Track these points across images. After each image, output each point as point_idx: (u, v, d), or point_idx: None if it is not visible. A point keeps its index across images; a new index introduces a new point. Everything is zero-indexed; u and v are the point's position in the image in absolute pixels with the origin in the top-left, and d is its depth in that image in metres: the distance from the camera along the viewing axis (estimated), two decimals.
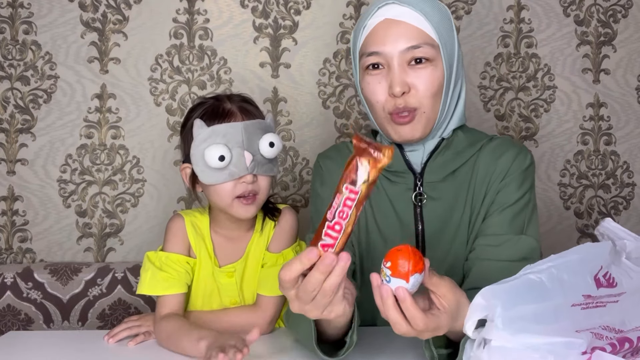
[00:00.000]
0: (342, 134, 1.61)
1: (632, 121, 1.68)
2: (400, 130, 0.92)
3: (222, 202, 1.00)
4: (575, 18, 1.67)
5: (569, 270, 0.71)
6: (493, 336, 0.67)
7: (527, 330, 0.67)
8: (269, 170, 1.01)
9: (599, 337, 0.69)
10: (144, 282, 1.03)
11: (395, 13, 0.90)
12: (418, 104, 0.90)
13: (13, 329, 1.40)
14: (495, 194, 0.93)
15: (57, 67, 1.55)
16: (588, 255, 0.73)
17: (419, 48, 0.88)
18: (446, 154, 0.96)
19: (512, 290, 0.69)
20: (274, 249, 1.08)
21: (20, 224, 1.54)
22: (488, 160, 0.96)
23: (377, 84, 0.91)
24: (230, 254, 1.08)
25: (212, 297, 1.08)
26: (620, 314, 0.73)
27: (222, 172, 0.97)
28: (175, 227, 1.07)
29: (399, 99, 0.89)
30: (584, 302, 0.71)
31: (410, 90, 0.89)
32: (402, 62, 0.89)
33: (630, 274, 0.76)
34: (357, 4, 1.62)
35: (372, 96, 0.93)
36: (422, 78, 0.89)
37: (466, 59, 1.64)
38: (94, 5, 1.57)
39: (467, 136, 0.98)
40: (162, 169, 1.57)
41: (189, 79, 1.58)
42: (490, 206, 0.93)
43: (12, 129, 1.54)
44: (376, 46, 0.90)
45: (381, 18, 0.90)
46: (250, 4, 1.60)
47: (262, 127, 1.01)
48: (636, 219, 1.68)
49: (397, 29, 0.89)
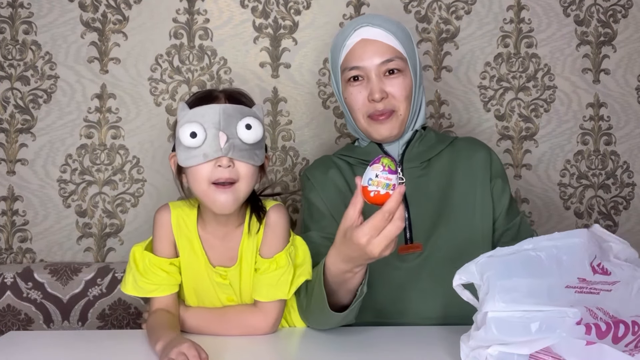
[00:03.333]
0: (342, 134, 1.61)
1: (632, 121, 1.68)
2: (380, 129, 1.10)
3: (199, 187, 0.97)
4: (575, 18, 1.67)
5: (569, 252, 0.74)
6: (488, 307, 0.70)
7: (520, 302, 0.70)
8: (248, 157, 0.97)
9: (594, 316, 0.71)
10: (128, 282, 1.03)
11: (370, 34, 1.09)
12: (394, 107, 1.09)
13: (13, 329, 1.40)
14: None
15: (57, 67, 1.55)
16: (589, 241, 0.76)
17: (391, 61, 1.08)
18: (420, 145, 1.14)
19: (509, 263, 0.73)
20: (266, 254, 1.03)
21: (20, 224, 1.54)
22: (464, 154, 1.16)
23: (358, 93, 1.10)
24: (222, 255, 1.06)
25: (208, 293, 1.07)
26: (614, 303, 0.74)
27: (195, 151, 0.95)
28: (161, 220, 1.06)
29: (379, 103, 1.08)
30: (578, 285, 0.73)
31: (387, 96, 1.08)
32: (379, 74, 1.08)
33: (622, 266, 0.78)
34: (357, 4, 1.62)
35: (355, 103, 1.11)
36: (396, 85, 1.09)
37: (466, 59, 1.64)
38: (94, 5, 1.57)
39: (436, 134, 1.20)
40: (162, 169, 1.57)
41: (189, 79, 1.58)
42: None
43: (12, 129, 1.54)
44: (356, 62, 1.09)
45: (358, 38, 1.10)
46: (250, 4, 1.60)
47: (243, 111, 0.98)
48: (636, 219, 1.68)
49: (373, 46, 1.09)
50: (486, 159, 1.14)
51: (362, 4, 1.62)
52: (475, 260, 0.75)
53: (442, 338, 0.95)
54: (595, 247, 0.77)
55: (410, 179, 1.11)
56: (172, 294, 1.03)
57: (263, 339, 1.00)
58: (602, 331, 0.69)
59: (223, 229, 1.05)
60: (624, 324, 0.70)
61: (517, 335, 0.69)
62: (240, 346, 0.95)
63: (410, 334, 0.99)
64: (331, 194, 1.14)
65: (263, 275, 1.02)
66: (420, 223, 1.08)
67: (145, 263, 1.02)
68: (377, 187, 0.80)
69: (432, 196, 1.11)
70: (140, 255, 1.04)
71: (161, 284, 1.02)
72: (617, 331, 0.70)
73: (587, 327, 0.68)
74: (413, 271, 1.06)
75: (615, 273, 0.76)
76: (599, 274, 0.75)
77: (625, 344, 0.70)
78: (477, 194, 1.11)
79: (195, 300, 1.07)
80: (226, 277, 1.05)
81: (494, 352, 0.71)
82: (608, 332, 0.69)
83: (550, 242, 0.74)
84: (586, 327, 0.68)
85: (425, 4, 1.63)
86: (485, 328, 0.71)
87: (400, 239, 1.05)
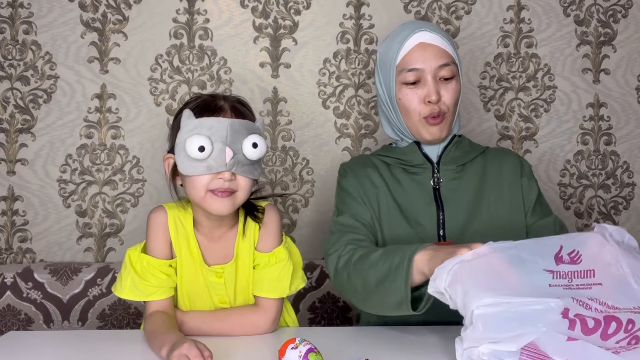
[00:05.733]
0: (342, 134, 1.61)
1: (632, 121, 1.68)
2: (432, 130, 1.14)
3: (197, 194, 0.99)
4: (575, 18, 1.67)
5: (527, 250, 0.78)
6: (473, 305, 0.72)
7: (503, 294, 0.72)
8: (249, 172, 1.00)
9: (586, 307, 0.71)
10: (124, 286, 1.02)
11: (428, 38, 1.13)
12: (445, 110, 1.14)
13: (13, 329, 1.40)
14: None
15: (57, 67, 1.55)
16: (542, 241, 0.80)
17: (447, 66, 1.12)
18: (456, 150, 1.19)
19: (479, 267, 0.76)
20: (264, 248, 1.07)
21: (20, 224, 1.54)
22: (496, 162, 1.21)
23: (414, 94, 1.13)
24: (217, 254, 1.07)
25: (200, 295, 1.07)
26: (613, 293, 0.74)
27: (200, 163, 0.96)
28: (157, 221, 1.05)
29: (434, 105, 1.12)
30: (564, 283, 0.75)
31: (440, 99, 1.12)
32: (435, 76, 1.12)
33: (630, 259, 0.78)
34: (357, 4, 1.62)
35: (410, 105, 1.14)
36: (450, 90, 1.13)
37: (466, 59, 1.64)
38: (94, 5, 1.57)
39: (470, 142, 1.24)
40: (162, 169, 1.56)
41: (189, 79, 1.58)
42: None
43: (12, 129, 1.54)
44: (415, 63, 1.12)
45: (416, 41, 1.13)
46: (250, 4, 1.60)
47: (249, 127, 1.00)
48: (636, 219, 1.68)
49: (432, 50, 1.12)
50: (516, 162, 1.20)
51: (362, 4, 1.62)
52: (444, 266, 0.77)
53: (443, 338, 0.96)
54: (556, 240, 0.80)
55: (446, 180, 1.16)
56: (167, 298, 1.03)
57: (264, 337, 1.01)
58: (589, 328, 0.69)
59: (217, 230, 1.07)
60: (616, 320, 0.70)
61: (502, 331, 0.70)
62: (240, 346, 0.96)
63: (411, 334, 1.00)
64: (367, 187, 1.17)
65: (264, 270, 1.04)
66: (453, 223, 1.12)
67: (144, 265, 1.02)
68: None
69: (465, 198, 1.14)
70: (137, 258, 1.03)
71: (160, 286, 1.02)
72: (607, 328, 0.70)
73: (571, 322, 0.69)
74: None
75: (590, 260, 0.77)
76: (566, 264, 0.76)
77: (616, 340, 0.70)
78: (506, 194, 1.15)
79: (188, 303, 1.08)
80: (222, 275, 1.06)
81: (485, 350, 0.71)
82: (597, 329, 0.69)
83: (510, 244, 0.78)
84: (570, 321, 0.69)
85: (425, 4, 1.63)
86: (472, 327, 0.72)
87: (433, 238, 1.10)
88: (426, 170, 1.17)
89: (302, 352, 0.77)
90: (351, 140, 1.61)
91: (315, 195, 1.60)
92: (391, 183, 1.17)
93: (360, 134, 1.62)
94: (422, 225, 1.12)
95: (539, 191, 1.19)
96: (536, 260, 0.76)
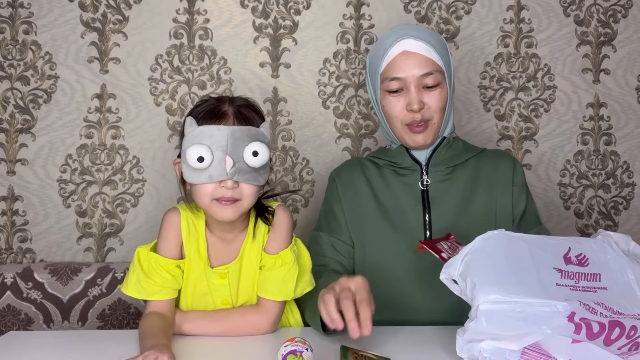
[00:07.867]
0: (342, 134, 1.61)
1: (632, 121, 1.68)
2: (416, 138, 1.15)
3: (202, 202, 1.00)
4: (575, 18, 1.67)
5: (540, 246, 0.78)
6: (479, 299, 0.73)
7: (510, 292, 0.72)
8: (252, 179, 0.99)
9: (592, 311, 0.71)
10: (130, 283, 1.02)
11: (411, 46, 1.12)
12: (430, 117, 1.14)
13: (13, 329, 1.40)
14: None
15: (57, 67, 1.55)
16: (552, 239, 0.81)
17: (431, 74, 1.11)
18: (446, 152, 1.18)
19: (493, 257, 0.77)
20: (271, 250, 1.06)
21: (20, 224, 1.54)
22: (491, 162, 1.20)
23: (397, 102, 1.14)
24: (223, 255, 1.07)
25: (204, 296, 1.07)
26: (617, 299, 0.75)
27: (201, 173, 0.97)
28: (170, 222, 1.06)
29: (416, 113, 1.12)
30: (572, 284, 0.75)
31: (424, 106, 1.12)
32: (418, 85, 1.12)
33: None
34: (357, 4, 1.62)
35: (393, 112, 1.15)
36: (433, 97, 1.13)
37: (466, 59, 1.64)
38: (94, 5, 1.57)
39: (465, 144, 1.24)
40: (162, 169, 1.57)
41: (189, 79, 1.58)
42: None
43: (12, 129, 1.54)
44: (397, 73, 1.12)
45: (399, 49, 1.13)
46: (250, 4, 1.60)
47: (252, 134, 0.99)
48: (636, 219, 1.68)
49: (414, 59, 1.12)
50: (509, 168, 1.19)
51: (362, 4, 1.62)
52: (459, 257, 0.78)
53: (442, 337, 0.96)
54: (565, 241, 0.80)
55: (435, 182, 1.16)
56: (169, 300, 1.03)
57: (264, 338, 1.01)
58: (594, 332, 0.69)
59: (229, 233, 1.07)
60: (620, 326, 0.70)
61: (505, 329, 0.70)
62: (240, 346, 0.96)
63: (411, 334, 1.00)
64: (350, 196, 1.19)
65: (269, 272, 1.05)
66: (440, 224, 1.12)
67: (151, 264, 1.03)
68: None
69: (453, 199, 1.15)
70: (145, 256, 1.04)
71: (164, 287, 1.02)
72: (611, 333, 0.69)
73: (577, 326, 0.69)
74: (428, 269, 1.08)
75: (596, 264, 0.78)
76: (574, 265, 0.77)
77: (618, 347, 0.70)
78: (497, 200, 1.15)
79: (190, 304, 1.08)
80: (225, 275, 1.06)
81: (486, 347, 0.71)
82: (600, 334, 0.69)
83: (522, 235, 0.80)
84: (576, 325, 0.69)
85: (425, 4, 1.63)
86: (476, 320, 0.72)
87: (419, 238, 1.11)
88: (415, 173, 1.18)
89: (283, 353, 0.78)
90: (351, 140, 1.61)
91: (315, 195, 1.60)
92: (379, 186, 1.19)
93: (360, 134, 1.62)
94: (408, 227, 1.13)
95: (528, 202, 1.18)
96: (547, 257, 0.77)
